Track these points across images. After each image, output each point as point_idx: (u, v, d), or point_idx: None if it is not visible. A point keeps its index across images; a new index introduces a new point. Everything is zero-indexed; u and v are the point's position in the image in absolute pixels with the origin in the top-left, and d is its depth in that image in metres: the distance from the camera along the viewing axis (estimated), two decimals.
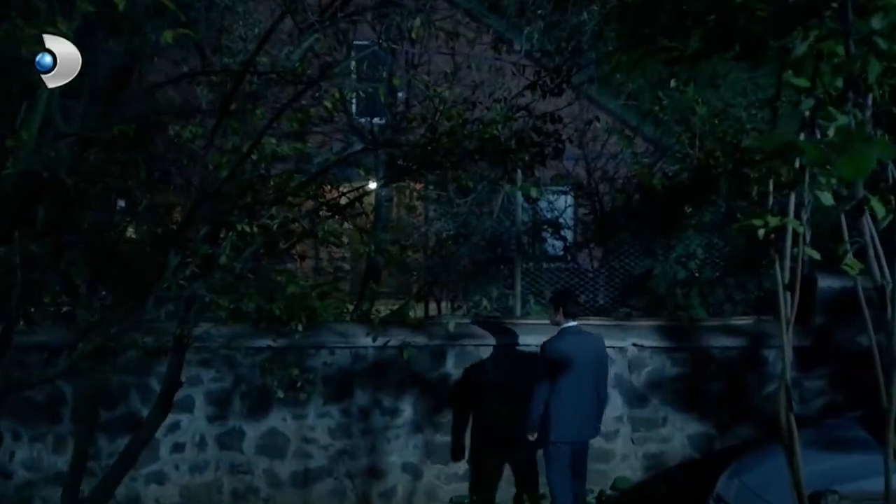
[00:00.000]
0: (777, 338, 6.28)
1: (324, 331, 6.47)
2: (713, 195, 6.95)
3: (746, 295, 6.88)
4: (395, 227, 7.80)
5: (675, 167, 7.11)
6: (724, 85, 8.08)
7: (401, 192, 9.18)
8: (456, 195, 7.44)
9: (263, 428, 6.37)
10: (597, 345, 5.65)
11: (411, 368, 6.44)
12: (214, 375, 6.35)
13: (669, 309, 6.87)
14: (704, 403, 6.46)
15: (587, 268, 7.61)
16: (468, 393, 6.41)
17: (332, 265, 8.76)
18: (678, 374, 6.50)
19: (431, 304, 9.10)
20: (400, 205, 8.58)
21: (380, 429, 6.43)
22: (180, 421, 6.29)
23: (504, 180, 3.93)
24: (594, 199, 7.99)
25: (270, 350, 6.24)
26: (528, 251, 7.68)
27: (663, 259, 6.99)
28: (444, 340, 6.45)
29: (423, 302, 9.13)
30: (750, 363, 6.49)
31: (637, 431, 6.53)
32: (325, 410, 6.39)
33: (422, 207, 9.35)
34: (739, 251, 6.93)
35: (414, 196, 9.30)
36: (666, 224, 6.98)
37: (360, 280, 8.04)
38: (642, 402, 6.51)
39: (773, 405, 6.19)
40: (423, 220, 8.80)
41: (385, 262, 5.44)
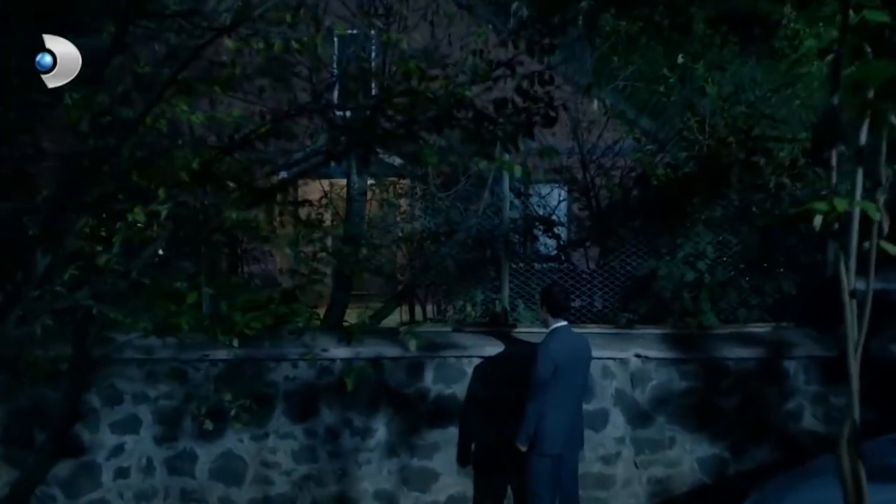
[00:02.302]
0: (799, 346, 5.69)
1: (286, 340, 5.92)
2: (725, 187, 6.29)
3: (763, 299, 6.32)
4: (365, 224, 7.09)
5: (681, 155, 6.40)
6: (730, 71, 7.40)
7: (382, 187, 8.58)
8: (438, 189, 6.81)
9: (218, 450, 5.87)
10: (586, 347, 5.36)
11: (385, 383, 5.91)
12: (162, 391, 5.84)
13: (676, 315, 6.34)
14: (717, 422, 5.97)
15: (583, 269, 7.03)
16: (449, 411, 5.93)
17: (308, 267, 8.15)
18: (687, 389, 5.98)
19: (418, 310, 8.62)
20: (373, 199, 7.90)
21: (349, 451, 5.92)
22: (124, 443, 5.80)
23: (479, 156, 3.11)
24: (590, 193, 7.32)
25: (226, 363, 5.79)
26: (520, 250, 7.18)
27: (669, 259, 6.41)
28: (421, 351, 5.91)
29: (409, 307, 8.56)
30: (768, 376, 5.97)
31: (641, 454, 6.01)
32: (288, 430, 5.90)
33: (406, 204, 8.75)
34: (755, 249, 6.38)
35: (395, 191, 8.69)
36: (672, 219, 6.39)
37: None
38: (647, 420, 5.99)
39: (795, 423, 5.65)
40: (408, 218, 8.20)
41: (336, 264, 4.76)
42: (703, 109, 6.38)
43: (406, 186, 8.75)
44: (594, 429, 5.86)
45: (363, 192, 6.81)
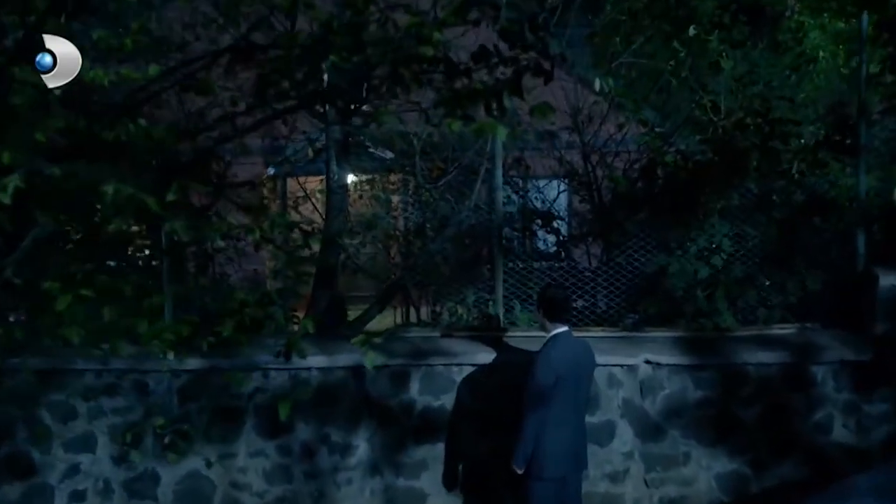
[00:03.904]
0: (827, 349, 5.35)
1: (256, 348, 5.38)
2: (741, 174, 5.86)
3: (785, 297, 5.89)
4: (347, 219, 6.63)
5: (694, 138, 5.93)
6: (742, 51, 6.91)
7: (371, 183, 8.16)
8: (426, 180, 6.33)
9: (182, 471, 5.54)
10: (589, 354, 4.96)
11: (367, 394, 5.56)
12: (120, 405, 5.54)
13: (689, 316, 5.94)
14: (736, 435, 5.63)
15: (585, 266, 6.59)
16: (438, 425, 5.61)
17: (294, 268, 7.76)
18: (702, 399, 5.63)
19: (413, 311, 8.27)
20: (362, 196, 7.47)
21: (327, 471, 5.60)
22: (79, 463, 5.50)
23: (453, 118, 2.49)
24: (592, 185, 6.85)
25: (190, 373, 5.49)
26: (518, 247, 6.84)
27: (680, 254, 5.99)
28: (407, 359, 5.58)
29: (405, 309, 8.23)
30: (793, 383, 5.63)
31: (652, 471, 5.63)
32: (259, 448, 5.58)
33: (398, 201, 8.35)
34: (775, 242, 5.94)
35: (384, 186, 8.27)
36: (683, 210, 5.95)
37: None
38: (658, 434, 5.63)
39: (824, 436, 5.30)
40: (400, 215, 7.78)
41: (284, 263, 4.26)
42: (717, 87, 5.88)
43: (398, 182, 8.39)
44: (599, 443, 5.50)
45: (343, 184, 6.29)
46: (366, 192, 8.15)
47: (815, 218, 5.80)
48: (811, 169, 6.11)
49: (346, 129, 6.27)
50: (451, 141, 6.38)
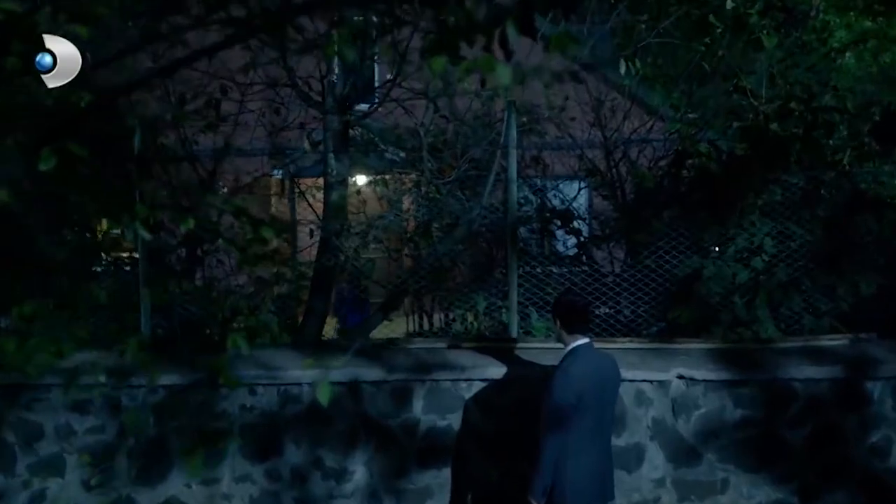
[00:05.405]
0: (884, 364, 4.95)
1: (242, 361, 5.16)
2: (783, 166, 5.50)
3: (835, 304, 5.55)
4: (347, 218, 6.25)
5: (733, 125, 5.55)
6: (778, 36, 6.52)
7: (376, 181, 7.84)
8: (433, 175, 5.94)
9: (160, 496, 5.26)
10: (613, 371, 4.59)
11: (364, 413, 5.23)
12: (92, 424, 5.26)
13: (726, 325, 5.63)
14: (781, 459, 5.28)
15: (609, 270, 6.28)
16: (443, 447, 5.30)
17: (295, 271, 7.48)
18: (742, 419, 5.27)
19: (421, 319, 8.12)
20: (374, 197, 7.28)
21: (321, 498, 5.32)
22: (47, 488, 5.21)
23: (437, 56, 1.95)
24: (615, 182, 6.50)
25: (167, 389, 5.21)
26: (534, 249, 6.58)
27: (716, 255, 5.66)
28: (409, 373, 5.23)
29: (419, 317, 8.12)
30: (846, 401, 5.26)
31: (686, 500, 5.26)
32: (246, 472, 5.28)
33: (409, 202, 8.09)
34: (824, 242, 5.56)
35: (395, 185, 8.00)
36: (719, 207, 5.59)
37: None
38: (693, 458, 5.27)
39: (881, 460, 4.81)
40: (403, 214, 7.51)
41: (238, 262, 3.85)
42: (758, 68, 5.47)
43: (410, 182, 8.13)
44: (626, 469, 5.12)
45: (342, 179, 5.86)
46: (370, 192, 7.92)
47: (867, 215, 5.42)
48: (860, 161, 5.71)
49: (345, 119, 5.88)
50: (462, 132, 6.02)
